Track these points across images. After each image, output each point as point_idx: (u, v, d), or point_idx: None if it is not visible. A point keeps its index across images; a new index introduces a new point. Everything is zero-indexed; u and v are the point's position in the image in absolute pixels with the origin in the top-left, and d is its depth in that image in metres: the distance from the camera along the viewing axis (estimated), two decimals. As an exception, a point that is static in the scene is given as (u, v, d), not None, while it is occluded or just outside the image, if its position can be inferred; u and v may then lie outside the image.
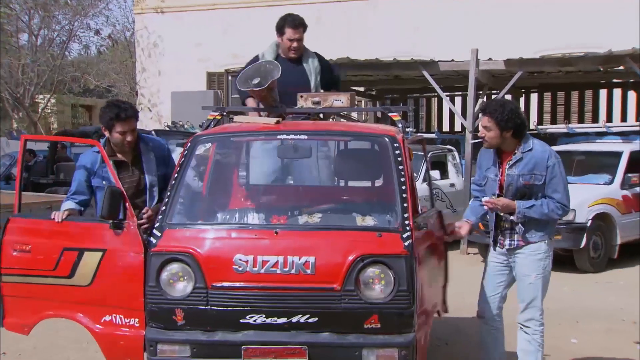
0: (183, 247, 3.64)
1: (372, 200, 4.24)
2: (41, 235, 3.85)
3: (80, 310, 3.75)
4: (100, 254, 3.70)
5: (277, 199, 4.25)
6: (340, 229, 3.73)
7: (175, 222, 3.78)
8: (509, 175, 4.15)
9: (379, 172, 4.34)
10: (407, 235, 3.58)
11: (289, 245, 3.58)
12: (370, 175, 4.51)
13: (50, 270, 3.77)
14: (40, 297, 3.81)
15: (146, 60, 19.93)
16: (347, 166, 4.49)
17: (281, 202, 4.22)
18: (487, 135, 4.12)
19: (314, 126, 4.40)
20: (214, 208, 4.21)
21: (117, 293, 3.66)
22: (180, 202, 3.91)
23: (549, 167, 4.07)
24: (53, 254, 3.76)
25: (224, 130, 4.37)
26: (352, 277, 3.52)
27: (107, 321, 3.68)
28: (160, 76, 19.65)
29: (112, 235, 3.69)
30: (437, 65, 11.87)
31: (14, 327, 3.94)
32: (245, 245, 3.61)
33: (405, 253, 3.53)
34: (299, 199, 4.35)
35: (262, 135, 4.33)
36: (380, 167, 4.26)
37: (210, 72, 19.08)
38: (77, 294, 3.73)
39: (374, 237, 3.59)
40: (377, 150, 4.35)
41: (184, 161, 3.98)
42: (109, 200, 3.71)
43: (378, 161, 4.31)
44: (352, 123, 4.78)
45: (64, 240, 3.78)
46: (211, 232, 3.73)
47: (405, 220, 3.63)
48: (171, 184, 3.91)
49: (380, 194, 4.17)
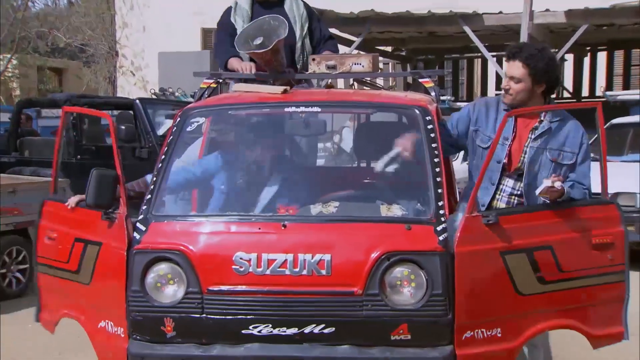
0: (173, 243, 3.67)
1: (400, 185, 4.26)
2: (64, 222, 4.02)
3: (84, 312, 3.89)
4: (97, 248, 3.81)
5: (285, 184, 4.27)
6: (361, 220, 3.77)
7: (162, 213, 3.83)
8: (533, 148, 4.03)
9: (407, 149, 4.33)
10: (442, 228, 3.60)
11: (300, 241, 3.62)
12: (398, 154, 4.47)
13: (64, 263, 3.95)
14: (59, 293, 4.00)
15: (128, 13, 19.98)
16: (370, 144, 4.50)
17: (290, 188, 4.26)
18: (514, 87, 3.97)
19: (329, 96, 4.43)
20: (209, 196, 4.24)
21: (105, 296, 3.74)
22: (169, 189, 3.95)
23: (582, 146, 4.01)
24: (67, 244, 3.93)
25: (220, 102, 4.41)
26: (376, 279, 3.56)
27: (101, 328, 3.77)
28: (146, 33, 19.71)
29: (106, 226, 3.79)
30: (482, 18, 11.78)
31: (45, 323, 4.21)
32: (248, 241, 3.65)
33: (440, 249, 3.55)
34: (311, 185, 4.39)
35: (266, 107, 4.36)
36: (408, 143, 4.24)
37: (206, 29, 19.11)
38: (81, 293, 3.87)
39: (402, 230, 3.63)
40: (405, 125, 4.34)
41: (173, 139, 4.02)
42: (95, 185, 3.79)
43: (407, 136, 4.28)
44: (375, 91, 4.80)
45: (78, 229, 3.94)
46: (206, 226, 3.77)
47: (439, 209, 3.67)
48: (157, 166, 3.94)
49: (410, 177, 4.20)
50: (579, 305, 3.85)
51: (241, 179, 4.37)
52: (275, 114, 4.50)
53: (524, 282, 3.72)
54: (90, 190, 3.79)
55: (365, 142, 4.55)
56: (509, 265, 3.68)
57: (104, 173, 3.82)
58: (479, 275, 3.65)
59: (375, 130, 4.57)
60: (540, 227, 3.79)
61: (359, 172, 4.69)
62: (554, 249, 3.75)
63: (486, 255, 3.66)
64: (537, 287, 3.75)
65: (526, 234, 3.74)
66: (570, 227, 3.82)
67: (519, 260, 3.71)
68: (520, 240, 3.72)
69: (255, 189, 4.27)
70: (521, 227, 3.74)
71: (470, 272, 3.62)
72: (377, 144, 4.45)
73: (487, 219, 3.63)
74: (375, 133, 4.54)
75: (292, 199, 4.08)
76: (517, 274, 3.69)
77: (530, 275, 3.73)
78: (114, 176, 3.84)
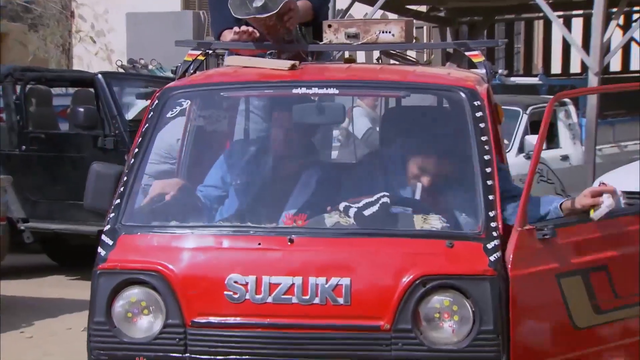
0: (148, 262, 3.70)
1: (439, 188, 4.23)
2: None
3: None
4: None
5: (292, 187, 4.29)
6: (389, 234, 3.81)
7: (135, 222, 3.87)
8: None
9: (449, 143, 4.33)
10: (494, 245, 3.62)
11: (311, 260, 3.64)
12: (436, 149, 4.43)
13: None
14: None
15: (86, -38, 20.01)
16: (400, 135, 4.51)
17: (298, 191, 4.26)
18: None
19: (349, 73, 4.43)
20: (194, 201, 4.27)
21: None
22: (144, 192, 4.01)
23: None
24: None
25: (210, 80, 4.44)
26: (408, 310, 3.57)
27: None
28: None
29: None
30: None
31: None
32: (244, 260, 3.67)
33: (492, 273, 3.58)
34: (325, 187, 4.37)
35: (268, 88, 4.39)
36: (451, 136, 4.28)
37: (188, -19, 19.11)
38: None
39: (442, 247, 3.66)
40: (446, 110, 4.35)
41: (149, 127, 4.06)
42: (95, 184, 4.00)
43: (448, 127, 4.31)
44: (408, 68, 4.80)
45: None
46: (191, 239, 3.81)
47: (490, 220, 3.68)
48: (129, 163, 3.98)
49: (452, 178, 4.20)
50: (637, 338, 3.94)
51: (236, 179, 4.37)
52: (281, 97, 4.52)
53: (580, 312, 3.80)
54: (89, 191, 3.93)
55: (395, 133, 4.58)
56: (564, 291, 3.75)
57: (106, 169, 3.97)
58: (536, 305, 3.71)
59: (407, 119, 4.60)
60: (592, 242, 3.89)
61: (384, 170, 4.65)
62: (608, 269, 3.85)
63: (542, 280, 3.72)
64: (593, 318, 3.84)
65: (580, 251, 3.84)
66: (623, 240, 3.93)
67: (575, 284, 3.79)
68: (575, 259, 3.81)
69: (253, 193, 4.30)
70: (574, 243, 3.85)
71: (528, 302, 3.67)
72: (409, 136, 4.45)
73: (542, 233, 3.69)
74: (407, 122, 4.56)
75: (301, 205, 4.10)
76: (572, 303, 3.77)
77: (585, 304, 3.82)
78: (117, 173, 3.98)
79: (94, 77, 10.25)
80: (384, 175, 4.27)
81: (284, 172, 4.36)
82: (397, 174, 4.26)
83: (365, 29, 4.51)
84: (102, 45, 19.88)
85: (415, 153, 4.22)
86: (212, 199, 4.26)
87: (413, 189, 4.16)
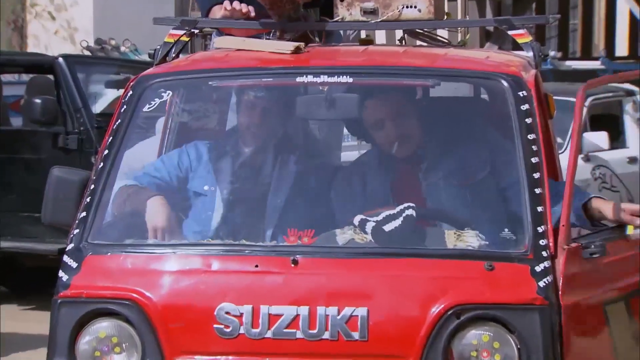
0: (120, 289, 3.73)
1: (476, 197, 4.25)
2: None
3: None
4: None
5: (296, 196, 4.32)
6: (414, 254, 3.84)
7: (104, 240, 3.91)
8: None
9: (488, 143, 4.36)
10: (544, 267, 3.65)
11: (320, 286, 3.68)
12: (472, 151, 4.42)
13: None
14: None
15: None
16: (428, 134, 4.47)
17: (303, 202, 4.30)
18: None
19: (366, 58, 4.47)
20: (176, 213, 4.29)
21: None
22: (115, 203, 4.04)
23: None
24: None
25: (196, 67, 4.48)
26: (439, 347, 3.59)
27: None
28: (72, -49, 19.78)
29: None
30: None
31: None
32: (238, 286, 3.71)
33: (541, 301, 3.60)
34: (336, 196, 4.37)
35: (267, 75, 4.41)
36: (490, 134, 4.31)
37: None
38: None
39: (480, 270, 3.69)
40: (484, 103, 4.39)
41: (122, 122, 4.11)
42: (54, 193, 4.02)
43: (486, 123, 4.35)
44: (437, 50, 4.82)
45: None
46: (172, 261, 3.84)
47: (539, 237, 3.71)
48: (97, 167, 4.03)
49: (492, 185, 4.23)
50: None
51: (228, 187, 4.41)
52: (282, 87, 4.55)
53: (624, 347, 3.90)
54: (48, 201, 3.96)
55: (422, 130, 4.50)
56: (610, 322, 3.83)
57: (69, 175, 4.01)
58: (586, 340, 3.78)
59: (437, 113, 4.62)
60: (627, 261, 4.03)
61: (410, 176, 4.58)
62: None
63: (591, 309, 3.78)
64: (636, 353, 3.95)
65: (619, 272, 3.95)
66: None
67: (618, 313, 3.88)
68: (616, 281, 3.92)
69: (250, 203, 4.33)
70: (614, 262, 3.93)
71: (580, 335, 3.71)
72: (439, 134, 4.45)
73: (589, 252, 3.74)
74: (437, 117, 4.58)
75: (307, 219, 4.15)
76: (616, 335, 3.86)
77: (628, 336, 3.94)
78: (83, 179, 4.00)
79: (53, 62, 10.27)
80: (408, 182, 4.28)
81: (285, 178, 4.37)
82: (424, 179, 4.27)
83: (385, 3, 4.53)
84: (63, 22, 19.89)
85: (446, 155, 4.25)
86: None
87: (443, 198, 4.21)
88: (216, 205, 4.30)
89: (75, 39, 19.01)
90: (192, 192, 4.37)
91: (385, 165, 4.41)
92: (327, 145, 4.94)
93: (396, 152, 4.33)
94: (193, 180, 4.37)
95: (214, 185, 4.36)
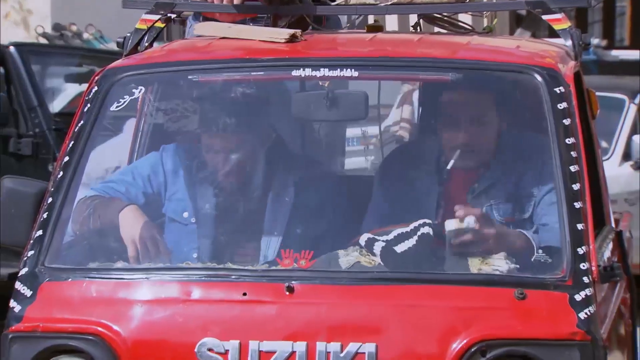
0: (83, 321, 3.74)
1: (505, 213, 4.26)
2: None
3: None
4: None
5: (291, 211, 4.33)
6: (432, 280, 3.86)
7: (63, 264, 3.93)
8: None
9: (518, 148, 4.39)
10: (585, 296, 3.67)
11: (319, 318, 3.69)
12: (500, 156, 4.44)
13: None
14: None
15: None
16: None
17: (299, 217, 4.31)
18: None
19: (375, 47, 4.49)
20: (150, 231, 4.26)
21: None
22: (76, 219, 4.07)
23: None
24: None
25: (172, 58, 4.50)
26: None
27: None
28: None
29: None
30: None
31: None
32: (222, 318, 3.73)
33: (582, 337, 3.62)
34: (339, 211, 4.40)
35: (257, 68, 4.40)
36: (521, 137, 4.35)
37: None
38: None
39: (510, 299, 3.71)
40: (514, 100, 4.40)
41: (85, 123, 4.14)
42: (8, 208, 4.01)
43: (517, 124, 4.38)
44: (459, 38, 4.83)
45: None
46: (144, 288, 3.87)
47: (580, 260, 3.74)
48: (55, 176, 4.04)
49: (523, 198, 4.24)
50: None
51: (212, 199, 4.40)
52: (276, 82, 4.57)
53: None
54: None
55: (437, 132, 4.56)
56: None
57: (22, 187, 4.04)
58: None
59: (457, 112, 4.49)
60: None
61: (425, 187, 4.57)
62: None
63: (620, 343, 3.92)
64: None
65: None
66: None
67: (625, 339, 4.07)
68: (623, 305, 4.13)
69: (237, 219, 4.33)
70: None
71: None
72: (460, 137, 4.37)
73: (611, 275, 3.83)
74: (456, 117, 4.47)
75: (305, 238, 4.15)
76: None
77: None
78: (39, 192, 4.02)
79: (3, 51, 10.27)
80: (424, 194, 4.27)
81: (279, 189, 4.38)
82: (442, 192, 4.27)
83: (396, -17, 4.59)
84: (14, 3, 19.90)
85: (468, 160, 4.27)
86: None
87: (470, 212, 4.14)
88: (197, 222, 4.32)
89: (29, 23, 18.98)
90: (167, 216, 4.36)
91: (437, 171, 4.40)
92: (328, 151, 4.97)
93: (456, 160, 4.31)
94: (170, 202, 4.38)
95: (194, 199, 4.36)
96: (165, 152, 4.46)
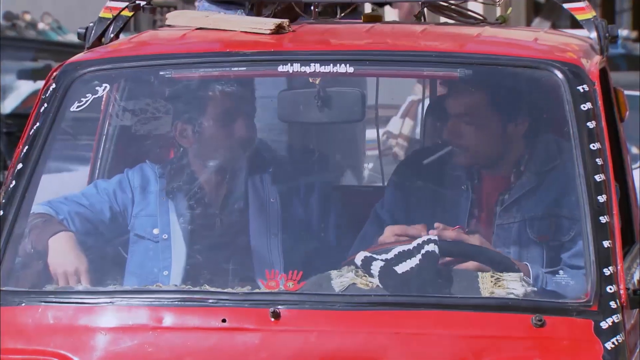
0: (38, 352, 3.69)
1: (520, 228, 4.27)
2: None
3: None
4: None
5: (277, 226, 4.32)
6: (438, 305, 3.80)
7: (17, 287, 3.91)
8: None
9: (536, 154, 4.39)
10: (612, 323, 3.62)
11: (309, 347, 3.65)
12: (513, 164, 4.48)
13: None
14: None
15: None
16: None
17: (287, 234, 4.30)
18: None
19: (373, 40, 4.47)
20: (115, 248, 4.35)
21: None
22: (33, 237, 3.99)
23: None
24: None
25: (141, 51, 4.46)
26: None
27: None
28: None
29: None
30: None
31: None
32: (198, 347, 3.66)
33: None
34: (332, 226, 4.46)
35: (238, 64, 4.35)
36: (539, 141, 4.32)
37: None
38: None
39: (526, 326, 3.67)
40: (532, 99, 4.35)
41: (41, 125, 4.09)
42: None
43: (534, 127, 4.32)
44: (468, 29, 4.86)
45: None
46: (109, 314, 3.78)
47: (606, 282, 3.69)
48: (7, 187, 3.97)
49: (541, 211, 4.25)
50: None
51: (186, 213, 4.40)
52: (259, 79, 4.55)
53: None
54: None
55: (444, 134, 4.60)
56: None
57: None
58: None
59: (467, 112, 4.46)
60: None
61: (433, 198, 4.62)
62: None
63: None
64: None
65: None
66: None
67: None
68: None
69: (215, 234, 4.29)
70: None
71: None
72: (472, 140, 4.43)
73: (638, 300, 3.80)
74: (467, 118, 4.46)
75: (293, 257, 4.09)
76: None
77: None
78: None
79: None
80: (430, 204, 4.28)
81: (262, 201, 4.33)
82: (448, 203, 4.29)
83: (397, -33, 4.62)
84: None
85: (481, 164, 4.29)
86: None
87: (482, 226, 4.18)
88: (170, 239, 4.32)
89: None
90: (134, 234, 4.35)
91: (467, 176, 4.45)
92: (319, 157, 4.87)
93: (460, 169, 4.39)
94: (137, 218, 4.36)
95: (165, 214, 4.36)
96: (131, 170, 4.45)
